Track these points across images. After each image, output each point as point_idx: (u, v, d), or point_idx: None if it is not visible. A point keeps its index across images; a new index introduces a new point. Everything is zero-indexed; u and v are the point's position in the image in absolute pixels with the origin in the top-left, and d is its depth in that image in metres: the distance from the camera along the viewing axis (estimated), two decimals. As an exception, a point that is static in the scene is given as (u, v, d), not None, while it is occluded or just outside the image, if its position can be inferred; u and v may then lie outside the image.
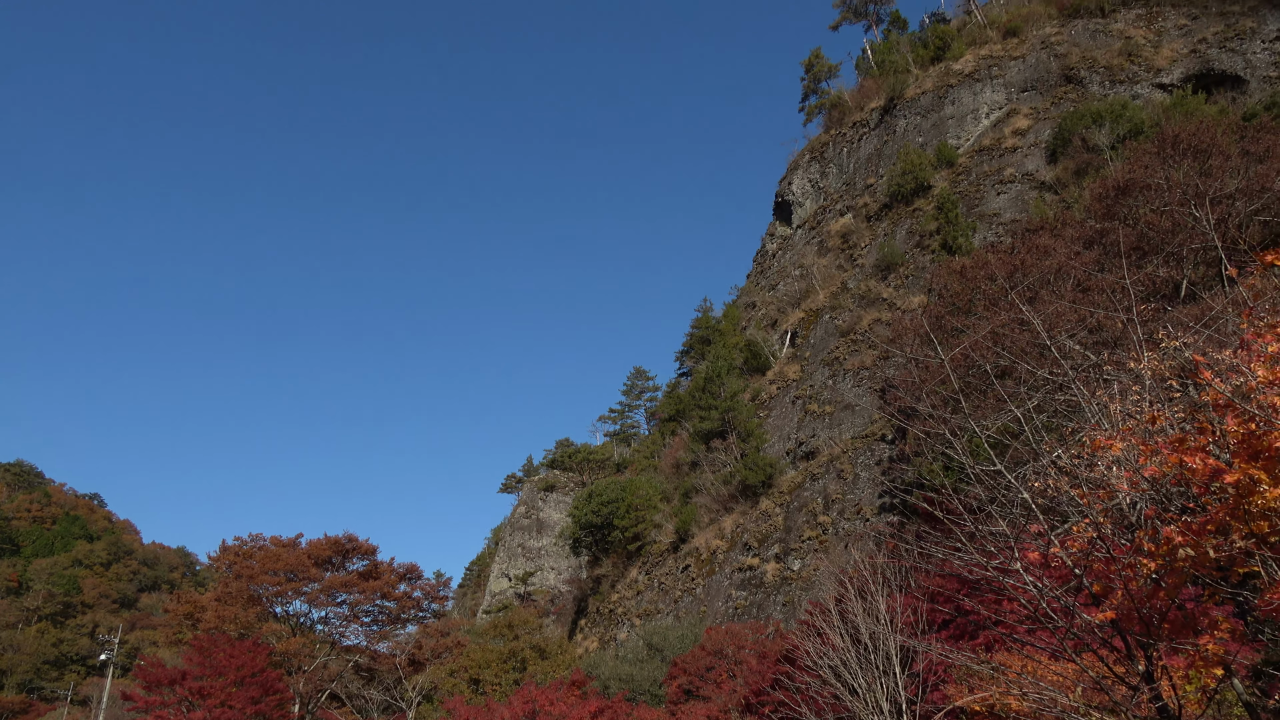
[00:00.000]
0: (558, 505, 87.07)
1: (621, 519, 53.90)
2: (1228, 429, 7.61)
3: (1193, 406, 9.64)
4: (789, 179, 66.07)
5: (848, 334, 48.33)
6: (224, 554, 46.03)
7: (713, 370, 53.20)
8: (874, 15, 73.89)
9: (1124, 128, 42.94)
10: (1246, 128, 36.05)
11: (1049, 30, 55.37)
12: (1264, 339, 7.89)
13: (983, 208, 47.93)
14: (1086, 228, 33.59)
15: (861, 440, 42.04)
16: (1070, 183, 44.22)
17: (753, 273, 69.78)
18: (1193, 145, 32.65)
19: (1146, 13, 53.83)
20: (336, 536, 44.69)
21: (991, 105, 54.32)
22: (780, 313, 58.44)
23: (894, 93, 58.93)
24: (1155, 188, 31.38)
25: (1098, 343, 21.89)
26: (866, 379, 44.78)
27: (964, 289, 34.46)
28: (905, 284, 47.85)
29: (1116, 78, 50.18)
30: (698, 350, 70.70)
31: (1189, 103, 43.04)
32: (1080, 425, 13.11)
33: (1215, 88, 47.05)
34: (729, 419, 49.90)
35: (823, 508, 40.49)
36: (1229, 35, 48.98)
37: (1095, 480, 10.13)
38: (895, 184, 52.90)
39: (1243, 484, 7.09)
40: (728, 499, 47.42)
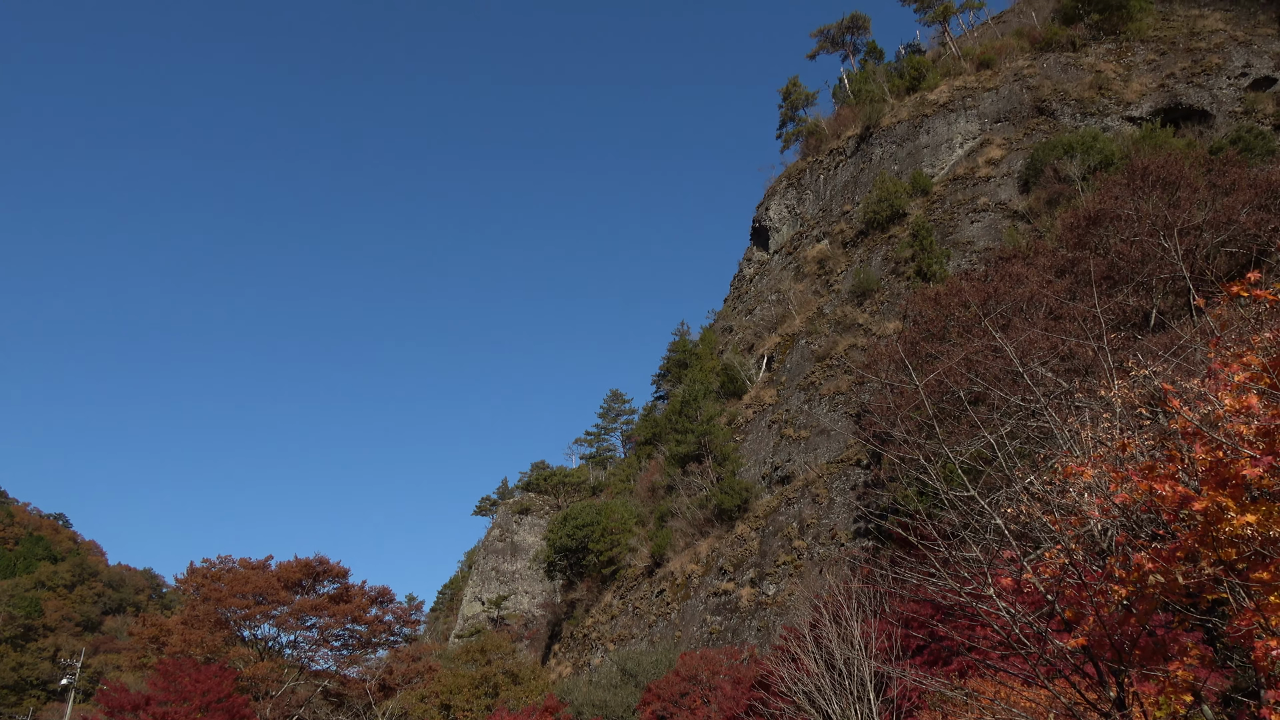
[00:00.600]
0: (532, 528, 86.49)
1: (596, 543, 53.62)
2: (1196, 457, 7.71)
3: (1162, 434, 9.77)
4: (766, 205, 66.60)
5: (824, 359, 48.59)
6: (192, 576, 45.28)
7: (689, 394, 53.25)
8: (851, 45, 74.94)
9: (1095, 159, 43.70)
10: (1213, 161, 36.83)
11: (1021, 63, 56.39)
12: (1230, 368, 8.01)
13: (957, 235, 48.50)
14: (1058, 256, 34.08)
15: (837, 465, 42.17)
16: (1042, 212, 44.88)
17: (730, 297, 70.10)
18: (1161, 177, 33.30)
19: (1116, 48, 55.00)
20: (307, 559, 44.12)
21: (965, 135, 55.13)
22: (757, 337, 58.68)
23: (870, 121, 59.68)
24: (1125, 218, 31.94)
25: (1069, 370, 22.15)
26: (842, 404, 44.99)
27: (938, 315, 34.80)
28: (881, 310, 48.24)
29: (1087, 110, 51.14)
30: (674, 374, 70.78)
31: (1158, 136, 43.93)
32: (1052, 452, 13.24)
33: (1183, 122, 48.08)
34: (705, 443, 49.91)
35: (798, 532, 40.49)
36: (1196, 71, 50.13)
37: (1067, 507, 10.21)
38: (871, 211, 53.45)
39: (1211, 511, 7.17)
40: (703, 523, 47.33)
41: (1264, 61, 49.17)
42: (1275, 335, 8.43)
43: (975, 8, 71.14)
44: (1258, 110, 46.57)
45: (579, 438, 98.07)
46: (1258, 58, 49.56)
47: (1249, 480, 7.18)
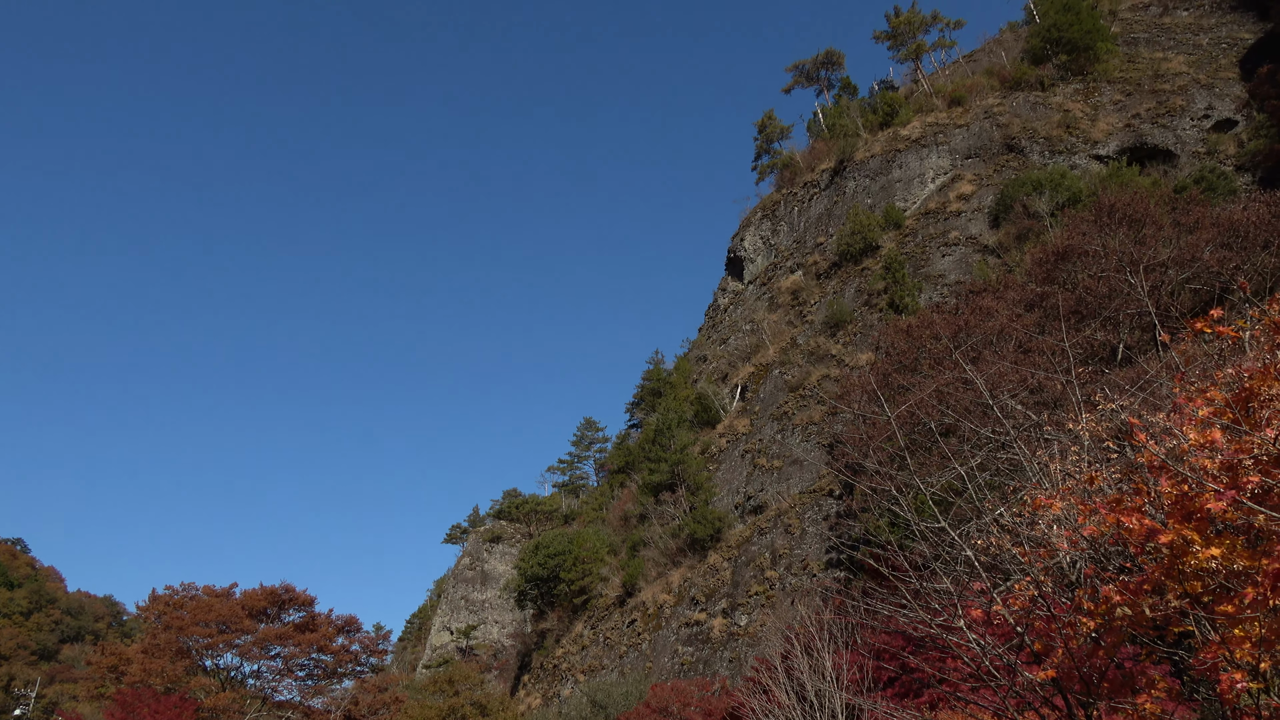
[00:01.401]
0: (503, 557, 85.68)
1: (568, 572, 53.21)
2: (1162, 490, 7.80)
3: (1129, 467, 9.89)
4: (741, 235, 67.13)
5: (797, 389, 48.81)
6: (153, 604, 44.34)
7: (663, 423, 53.23)
8: (825, 80, 76.10)
9: (1063, 196, 44.51)
10: (1177, 200, 37.65)
11: (991, 101, 57.50)
12: (1195, 403, 8.15)
13: (929, 269, 49.10)
14: (1027, 291, 34.58)
15: (809, 495, 42.23)
16: (1012, 247, 45.58)
17: (704, 326, 70.37)
18: (1128, 215, 33.97)
19: (1084, 88, 56.26)
20: (273, 586, 43.37)
21: (937, 170, 55.99)
22: (731, 367, 58.88)
23: (844, 155, 60.49)
24: (1093, 254, 32.52)
25: (1038, 403, 22.40)
26: (815, 434, 45.15)
27: (910, 347, 35.13)
28: (853, 341, 48.62)
29: (1056, 148, 52.17)
30: (648, 402, 70.75)
31: (1124, 174, 44.87)
32: (1022, 484, 13.35)
33: (1148, 161, 49.18)
34: (678, 472, 49.83)
35: (770, 563, 40.43)
36: (1160, 112, 51.37)
37: (1036, 539, 10.29)
38: (845, 243, 54.02)
39: (1176, 544, 7.25)
40: (675, 552, 47.13)
41: (1225, 104, 50.49)
42: (1237, 371, 8.59)
43: (947, 46, 72.60)
44: (1220, 151, 47.75)
45: (552, 465, 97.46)
46: (1219, 100, 50.90)
47: (1213, 514, 7.27)
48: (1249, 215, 31.27)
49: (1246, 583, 6.94)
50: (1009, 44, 67.50)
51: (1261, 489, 7.50)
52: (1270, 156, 44.04)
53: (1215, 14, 61.13)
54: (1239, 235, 30.64)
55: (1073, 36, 57.02)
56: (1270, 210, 30.70)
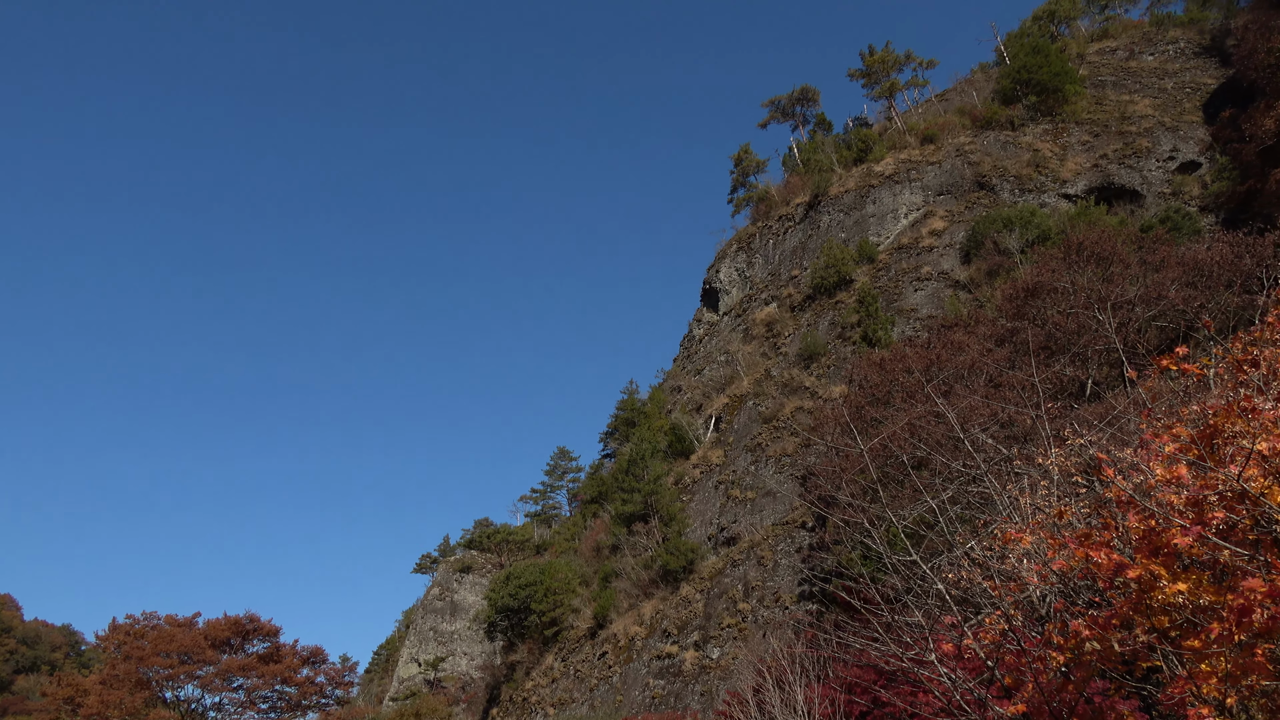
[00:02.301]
0: (474, 587, 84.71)
1: (539, 603, 52.68)
2: (1130, 525, 7.89)
3: (1097, 502, 9.99)
4: (717, 267, 67.55)
5: (770, 421, 48.94)
6: (113, 633, 43.37)
7: (636, 453, 53.09)
8: (801, 116, 77.17)
9: (1032, 233, 45.25)
10: (1144, 239, 38.41)
11: (963, 139, 58.54)
12: (1161, 439, 8.26)
13: (901, 303, 49.62)
14: (998, 326, 35.01)
15: (782, 527, 42.21)
16: (983, 282, 46.20)
17: (679, 357, 70.51)
18: (1096, 253, 34.59)
19: (1053, 128, 57.45)
20: (237, 616, 42.63)
21: (910, 206, 56.78)
22: (705, 397, 58.96)
23: (819, 190, 61.22)
24: (1062, 291, 33.02)
25: (1009, 437, 22.61)
26: (788, 466, 45.23)
27: (883, 380, 35.39)
28: (827, 374, 48.90)
29: (1025, 186, 53.12)
30: (622, 432, 70.61)
31: (1092, 213, 45.73)
32: (992, 518, 13.44)
33: (1115, 200, 50.20)
34: (651, 502, 49.65)
35: (743, 595, 40.27)
36: (1127, 153, 52.54)
37: (1007, 572, 10.35)
38: (819, 277, 54.51)
39: (1144, 579, 7.32)
40: (648, 584, 46.83)
41: (1190, 146, 51.74)
42: (1202, 408, 8.72)
43: (920, 85, 73.99)
44: (1184, 192, 48.86)
45: (524, 495, 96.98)
46: (1184, 142, 52.15)
47: (1180, 549, 7.36)
48: (1213, 255, 31.93)
49: (1212, 618, 7.01)
50: (980, 84, 68.90)
51: (1226, 525, 7.60)
52: (1233, 198, 45.10)
53: (1179, 59, 62.82)
54: (1203, 274, 31.26)
55: (1042, 78, 58.32)
56: (1233, 250, 31.37)
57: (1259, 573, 7.08)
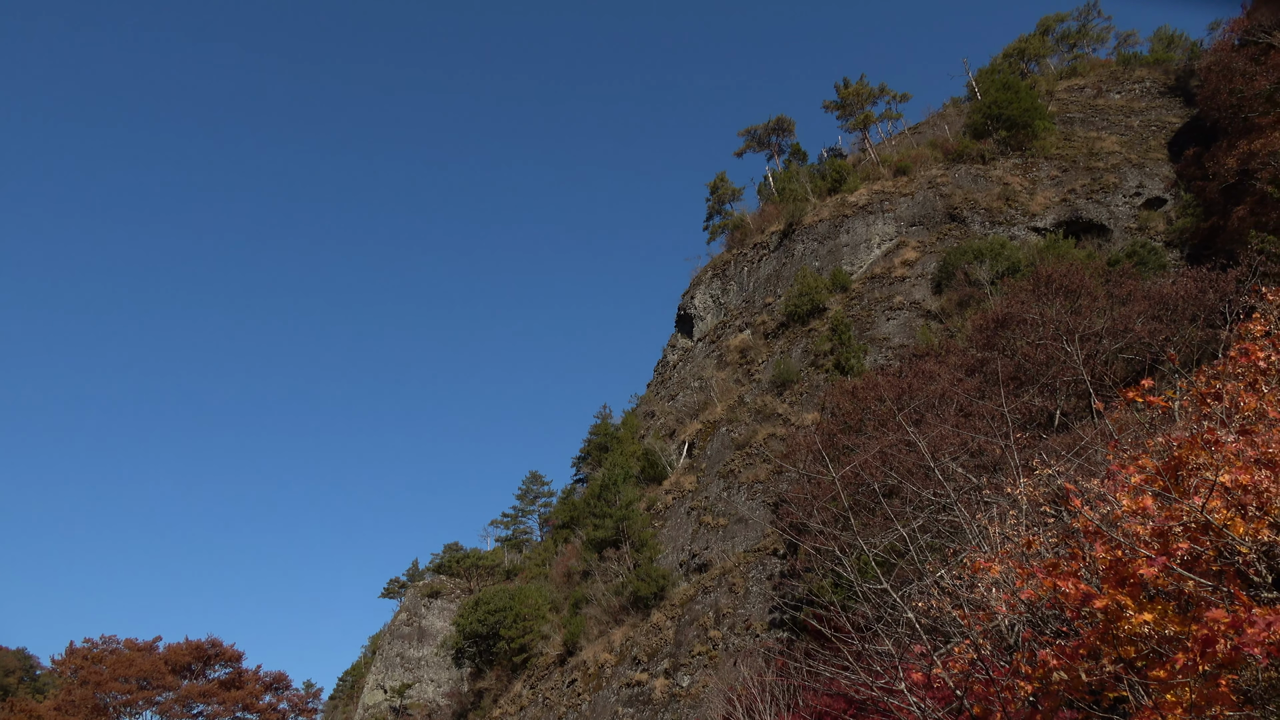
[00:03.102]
0: (442, 613, 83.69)
1: (508, 629, 52.14)
2: (1097, 555, 7.97)
3: (1065, 532, 10.09)
4: (692, 293, 67.85)
5: (743, 447, 49.01)
6: (70, 657, 42.36)
7: (609, 478, 52.91)
8: (776, 146, 78.08)
9: (1002, 265, 45.90)
10: (1111, 272, 39.08)
11: (935, 172, 59.43)
12: (1127, 470, 8.37)
13: (874, 332, 50.05)
14: (968, 356, 35.40)
15: (754, 554, 42.16)
16: (954, 313, 46.74)
17: (653, 382, 70.57)
18: (1064, 285, 35.14)
19: (1022, 162, 58.50)
20: (199, 641, 41.83)
21: (883, 236, 57.44)
22: (679, 423, 58.98)
23: (793, 219, 61.80)
24: (1031, 322, 33.48)
25: (978, 466, 22.79)
26: (760, 493, 45.25)
27: (855, 408, 35.61)
28: (800, 401, 49.12)
29: (996, 219, 53.96)
30: (595, 457, 70.37)
31: (1060, 246, 46.50)
32: (962, 546, 13.51)
33: (1083, 234, 51.12)
34: (623, 528, 49.43)
35: (714, 622, 40.10)
36: (1095, 188, 53.58)
37: (976, 601, 10.39)
38: (792, 304, 54.90)
39: (1111, 609, 7.38)
40: (619, 610, 46.52)
41: (1155, 183, 52.87)
42: (1167, 440, 8.85)
43: (893, 118, 75.19)
44: (1150, 227, 49.85)
45: (495, 519, 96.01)
46: (1150, 179, 53.29)
47: (1146, 580, 7.44)
48: (1178, 290, 32.55)
49: (1178, 648, 7.08)
50: (952, 118, 70.11)
51: (1191, 555, 7.70)
52: (1197, 234, 46.07)
53: (1145, 98, 64.35)
54: (1168, 308, 31.84)
55: (1012, 114, 59.45)
56: (1197, 285, 31.99)
57: (1222, 604, 7.17)
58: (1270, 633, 6.25)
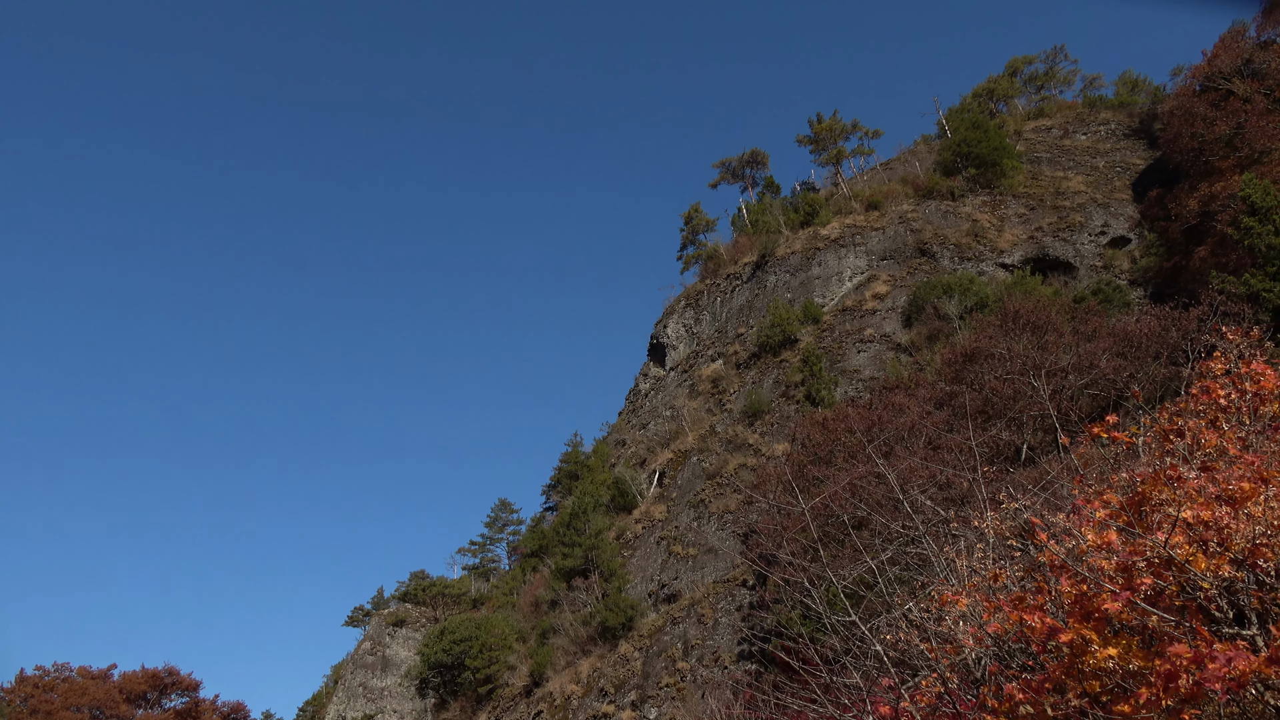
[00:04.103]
0: (406, 642, 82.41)
1: (474, 659, 51.47)
2: (1062, 589, 8.03)
3: (1031, 566, 10.17)
4: (664, 322, 68.08)
5: (714, 477, 49.00)
6: (20, 685, 41.15)
7: (579, 506, 52.65)
8: (750, 178, 78.94)
9: (971, 300, 46.54)
10: (1077, 309, 39.76)
11: (906, 207, 60.31)
12: (1093, 505, 8.47)
13: (844, 364, 50.43)
14: (937, 389, 35.75)
15: (723, 585, 42.01)
16: (924, 346, 47.25)
17: (625, 410, 70.50)
18: (1031, 321, 35.69)
19: (991, 200, 59.55)
20: (155, 669, 40.86)
21: (854, 270, 58.07)
22: (650, 452, 58.89)
23: (766, 250, 62.36)
24: (998, 357, 33.92)
25: (947, 499, 22.94)
26: (730, 523, 45.21)
27: (825, 440, 35.78)
28: (770, 431, 49.27)
29: (965, 255, 54.78)
30: (565, 485, 70.02)
31: (1028, 283, 47.26)
32: (930, 579, 13.57)
33: (1050, 271, 52.02)
34: (592, 557, 49.12)
35: (682, 653, 39.83)
36: (1061, 227, 54.62)
37: (943, 634, 10.42)
38: (764, 335, 55.24)
39: (1076, 644, 7.43)
40: (586, 641, 46.09)
41: (1120, 223, 54.03)
42: (1131, 476, 8.97)
43: (865, 154, 76.32)
44: (1115, 266, 50.86)
45: (463, 547, 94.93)
46: (1115, 219, 54.45)
47: (1110, 614, 7.50)
48: (1141, 327, 33.16)
49: (1142, 683, 7.13)
50: (923, 155, 71.30)
51: (1154, 590, 7.79)
52: (1160, 273, 47.04)
53: (1110, 140, 65.88)
54: (1133, 345, 32.40)
55: (981, 152, 60.60)
56: (1160, 323, 32.61)
57: (1185, 639, 7.25)
58: (1231, 668, 6.32)
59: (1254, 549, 7.44)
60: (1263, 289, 32.00)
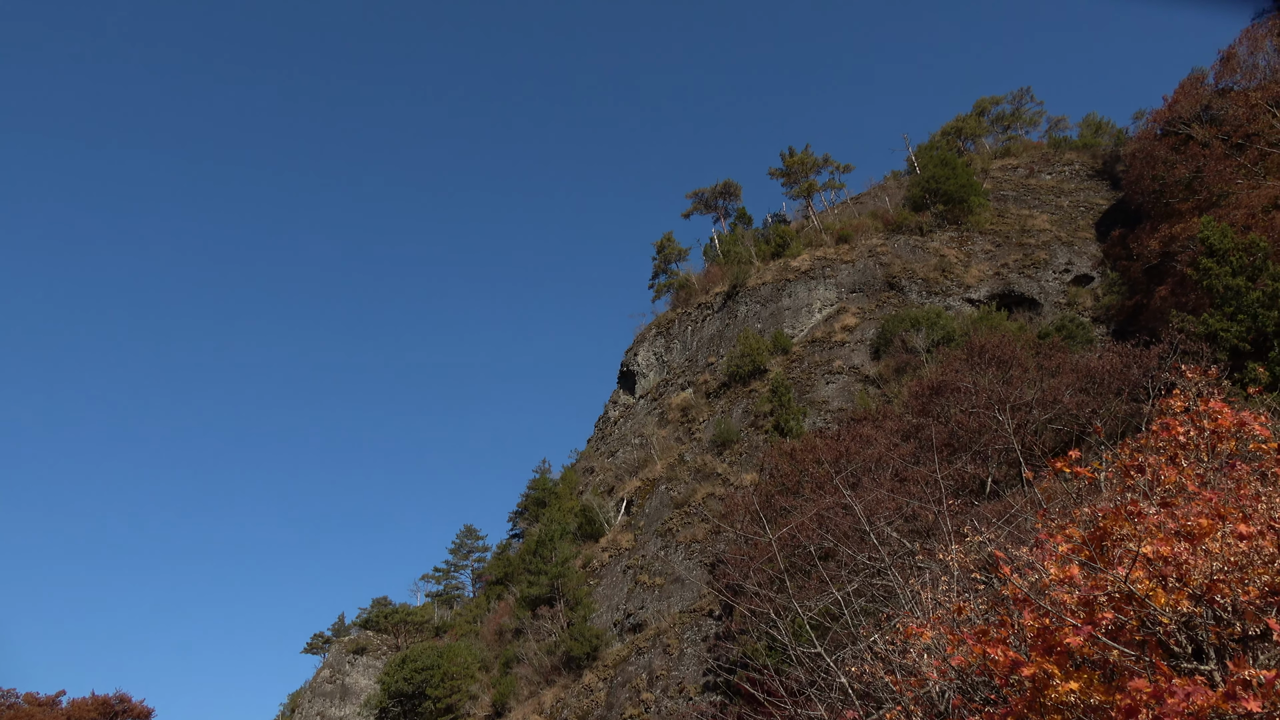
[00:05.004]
0: (367, 670, 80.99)
1: (435, 688, 50.64)
2: (1025, 623, 8.09)
3: (995, 599, 10.23)
4: (635, 350, 68.15)
5: (682, 506, 48.90)
6: (-36, 712, 39.87)
7: (545, 534, 52.26)
8: (722, 209, 79.63)
9: (938, 334, 47.10)
10: (1041, 345, 40.36)
11: (875, 241, 61.09)
12: (1055, 539, 8.56)
13: (813, 394, 50.73)
14: (904, 422, 36.03)
15: (689, 615, 41.80)
16: (891, 379, 47.68)
17: (594, 438, 70.30)
18: (997, 356, 36.17)
19: (958, 236, 60.51)
20: (105, 696, 39.78)
21: (824, 301, 58.61)
22: (618, 480, 58.69)
23: (737, 281, 62.80)
24: (964, 391, 34.28)
25: (913, 531, 23.06)
26: (698, 552, 45.07)
27: (793, 470, 35.87)
28: (739, 461, 49.33)
29: (932, 289, 55.52)
30: (532, 512, 69.49)
31: (993, 318, 47.96)
32: (895, 611, 13.60)
33: (1015, 307, 52.87)
34: (558, 585, 48.69)
35: (647, 684, 39.49)
36: (1026, 264, 55.57)
37: (908, 667, 10.44)
38: (734, 365, 55.47)
39: (1038, 677, 7.48)
40: (550, 671, 45.57)
41: (1084, 261, 55.08)
42: (1093, 511, 9.08)
43: (836, 188, 77.36)
44: (1078, 303, 51.80)
45: (427, 574, 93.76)
46: (1078, 257, 55.51)
47: (1072, 648, 7.56)
48: (1104, 364, 33.70)
49: (1102, 717, 7.18)
50: (892, 190, 72.41)
51: (1115, 625, 7.86)
52: (1122, 311, 47.95)
53: (1074, 180, 67.34)
54: (1095, 382, 32.90)
55: (949, 189, 61.65)
56: (1122, 361, 33.16)
57: (1144, 673, 7.32)
58: (1189, 703, 6.38)
59: (1212, 585, 7.55)
60: (1220, 329, 32.70)
